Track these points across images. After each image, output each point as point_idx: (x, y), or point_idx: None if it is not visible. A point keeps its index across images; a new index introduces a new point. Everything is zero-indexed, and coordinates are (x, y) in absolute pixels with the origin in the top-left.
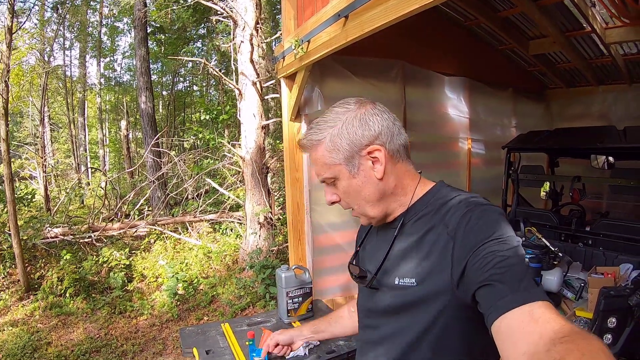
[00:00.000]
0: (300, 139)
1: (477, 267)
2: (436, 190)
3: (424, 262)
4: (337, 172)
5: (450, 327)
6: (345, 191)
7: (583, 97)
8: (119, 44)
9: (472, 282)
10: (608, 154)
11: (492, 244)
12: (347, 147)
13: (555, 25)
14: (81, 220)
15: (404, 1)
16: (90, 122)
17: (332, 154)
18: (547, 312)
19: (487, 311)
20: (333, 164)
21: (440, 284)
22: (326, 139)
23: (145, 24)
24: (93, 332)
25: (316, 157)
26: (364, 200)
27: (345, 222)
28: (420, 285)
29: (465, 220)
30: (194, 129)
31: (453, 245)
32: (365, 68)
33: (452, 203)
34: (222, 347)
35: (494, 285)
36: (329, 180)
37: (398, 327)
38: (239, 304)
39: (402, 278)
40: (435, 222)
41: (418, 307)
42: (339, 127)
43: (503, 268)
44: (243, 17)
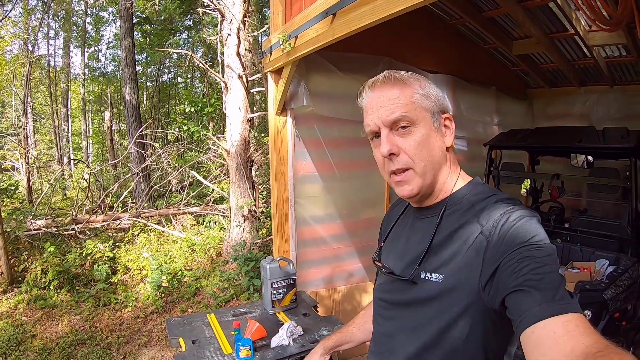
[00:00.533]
0: (383, 74)
1: (510, 270)
2: (473, 186)
3: (453, 259)
4: (421, 117)
5: (471, 327)
6: (422, 142)
7: (565, 97)
8: (104, 34)
9: (503, 285)
10: (586, 153)
11: (529, 249)
12: (435, 100)
13: (539, 27)
14: (64, 213)
15: (391, 1)
16: (74, 113)
17: (422, 98)
18: (582, 325)
19: (519, 317)
20: (421, 107)
21: (467, 283)
22: (417, 83)
23: (131, 14)
24: (78, 325)
25: (400, 94)
26: (433, 160)
27: (329, 215)
28: (446, 282)
29: (501, 222)
30: (179, 121)
31: (487, 245)
32: (351, 63)
33: (488, 201)
34: (208, 337)
35: (529, 291)
36: (405, 123)
37: (418, 322)
38: (223, 296)
39: (430, 273)
40: (469, 218)
41: (442, 303)
42: (427, 81)
43: (539, 275)
44: (231, 10)
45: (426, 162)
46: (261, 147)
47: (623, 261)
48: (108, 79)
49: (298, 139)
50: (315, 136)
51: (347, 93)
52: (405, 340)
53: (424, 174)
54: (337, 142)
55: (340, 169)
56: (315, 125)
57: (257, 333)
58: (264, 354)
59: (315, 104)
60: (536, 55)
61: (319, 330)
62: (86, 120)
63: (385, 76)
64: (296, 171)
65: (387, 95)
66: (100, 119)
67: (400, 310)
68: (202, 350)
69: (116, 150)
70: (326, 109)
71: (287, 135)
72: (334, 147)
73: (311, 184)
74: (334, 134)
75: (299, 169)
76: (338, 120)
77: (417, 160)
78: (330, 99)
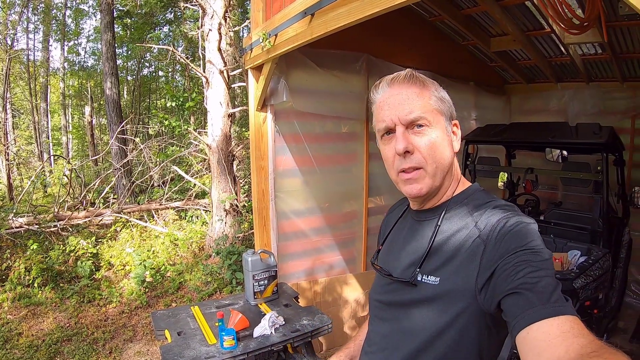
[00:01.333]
0: (403, 72)
1: (507, 274)
2: (472, 192)
3: (450, 262)
4: (437, 120)
5: (466, 331)
6: (435, 144)
7: (542, 93)
8: (84, 27)
9: (499, 288)
10: (560, 148)
11: (525, 253)
12: (449, 106)
13: (516, 25)
14: (46, 210)
15: (367, 3)
16: (53, 108)
17: (439, 102)
18: (576, 327)
19: (514, 320)
20: (438, 110)
21: (463, 286)
22: (436, 86)
23: (112, 7)
24: (63, 322)
25: (419, 95)
26: (444, 162)
27: (309, 209)
28: (443, 285)
29: (498, 227)
30: (160, 116)
31: (484, 250)
32: (330, 60)
33: (486, 207)
34: (192, 329)
35: (524, 294)
36: (423, 123)
37: (414, 323)
38: (206, 290)
39: (427, 275)
40: (467, 222)
41: (437, 305)
42: (441, 87)
43: (535, 278)
44: (212, 5)
45: (437, 163)
46: (242, 141)
47: (594, 252)
48: (88, 73)
49: (278, 134)
50: (295, 131)
51: (326, 89)
52: (400, 341)
53: (434, 175)
54: (316, 137)
55: (320, 163)
56: (295, 121)
57: (240, 323)
58: (247, 344)
59: (295, 100)
60: (514, 52)
61: (300, 320)
62: (66, 115)
63: (407, 74)
64: (276, 166)
65: (406, 94)
66: (80, 113)
67: (396, 311)
68: (188, 341)
69: (97, 145)
70: (306, 105)
71: (268, 130)
72: (313, 142)
73: (291, 178)
74: (314, 129)
75: (279, 163)
76: (317, 116)
77: (430, 161)
78: (310, 95)
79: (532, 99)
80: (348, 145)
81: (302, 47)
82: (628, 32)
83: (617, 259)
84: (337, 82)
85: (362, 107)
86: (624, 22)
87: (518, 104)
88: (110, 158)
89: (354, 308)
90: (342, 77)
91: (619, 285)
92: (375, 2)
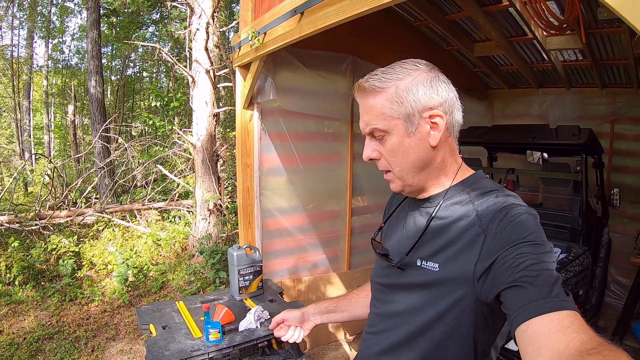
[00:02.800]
0: (360, 82)
1: (507, 265)
2: (474, 180)
3: (449, 248)
4: (392, 126)
5: (462, 318)
6: (393, 149)
7: (523, 98)
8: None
9: (499, 280)
10: (540, 149)
11: (526, 245)
12: (412, 103)
13: (499, 30)
14: (27, 208)
15: (355, 2)
16: (36, 106)
17: (394, 106)
18: (576, 322)
19: (514, 313)
20: (391, 116)
21: (461, 273)
22: (391, 89)
23: (98, 5)
24: (44, 320)
25: (373, 105)
26: (409, 164)
27: (293, 207)
28: (442, 271)
29: (500, 217)
30: (145, 116)
31: (484, 239)
32: (317, 61)
33: (489, 196)
34: (177, 323)
35: (525, 287)
36: (379, 134)
37: (412, 306)
38: (189, 289)
39: (426, 261)
40: (468, 210)
41: (436, 290)
42: (408, 80)
43: (536, 271)
44: (200, 4)
45: (401, 167)
46: (227, 141)
47: (574, 249)
48: (72, 71)
49: (264, 132)
50: (281, 130)
51: (312, 89)
52: (399, 323)
53: (402, 177)
54: (301, 135)
55: (305, 162)
56: (281, 120)
57: (225, 317)
58: (233, 337)
59: (282, 99)
60: (496, 57)
61: None
62: (49, 114)
63: (358, 85)
64: (262, 163)
65: (363, 105)
66: (63, 112)
67: (396, 294)
68: (173, 335)
69: (79, 145)
70: (292, 104)
71: (254, 128)
72: (298, 140)
73: (276, 176)
74: (299, 128)
75: (265, 161)
76: (303, 115)
77: (393, 166)
78: (296, 94)
79: (514, 104)
80: (333, 145)
81: (290, 47)
82: (607, 39)
83: (596, 258)
84: (323, 82)
85: (347, 108)
86: (604, 28)
87: (500, 108)
88: (93, 157)
89: None
90: (328, 77)
91: (598, 284)
92: (363, 1)
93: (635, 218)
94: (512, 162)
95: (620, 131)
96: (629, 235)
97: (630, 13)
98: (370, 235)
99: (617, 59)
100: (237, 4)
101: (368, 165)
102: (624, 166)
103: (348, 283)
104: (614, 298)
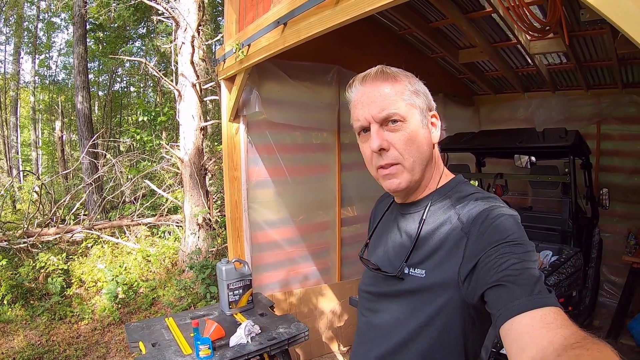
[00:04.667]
0: (375, 69)
1: (489, 266)
2: (455, 184)
3: (435, 254)
4: (410, 114)
5: (451, 322)
6: (411, 138)
7: (509, 103)
8: (55, 41)
9: (482, 280)
10: (528, 153)
11: (507, 245)
12: (424, 98)
13: (483, 37)
14: (15, 226)
15: (338, 12)
16: (23, 122)
17: (413, 95)
18: (559, 318)
19: (498, 312)
20: (411, 104)
21: (447, 278)
22: (410, 79)
23: (84, 20)
24: (34, 339)
25: (392, 91)
26: (422, 155)
27: (282, 219)
28: (428, 277)
29: (481, 219)
30: (132, 131)
31: (466, 242)
32: (301, 72)
33: (469, 199)
34: (167, 340)
35: (507, 286)
36: (397, 119)
37: (401, 313)
38: (180, 305)
39: (414, 268)
40: (451, 215)
41: (423, 296)
42: (415, 79)
43: (517, 270)
44: (185, 18)
45: (415, 157)
46: (214, 155)
47: (565, 251)
48: (59, 87)
49: (251, 145)
50: (267, 142)
51: (298, 100)
52: (389, 331)
53: (413, 169)
54: (288, 147)
55: (292, 173)
56: (267, 132)
57: (215, 333)
58: (224, 353)
59: (267, 111)
60: (481, 63)
61: (276, 328)
62: (36, 130)
63: (377, 71)
64: (249, 176)
65: (378, 91)
66: (50, 128)
67: (384, 302)
68: (163, 353)
69: (67, 161)
70: (278, 116)
71: (240, 141)
72: (285, 152)
73: (264, 189)
74: (286, 140)
75: (252, 174)
76: (289, 127)
77: (407, 156)
78: (282, 105)
79: (500, 109)
80: (320, 156)
81: (274, 59)
82: (591, 40)
83: (588, 258)
84: (309, 93)
85: (333, 118)
86: (587, 31)
87: (486, 114)
88: (81, 173)
89: (330, 319)
90: (313, 88)
91: (591, 284)
92: (345, 10)
93: (625, 217)
94: (500, 166)
95: (606, 131)
96: (620, 234)
97: (612, 12)
98: (361, 245)
99: (600, 60)
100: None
101: (356, 175)
102: (611, 166)
103: (340, 294)
104: (607, 297)
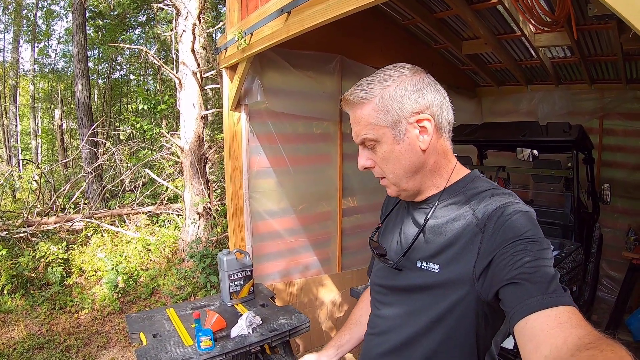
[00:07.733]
0: (346, 95)
1: (505, 263)
2: (470, 179)
3: (448, 249)
4: (380, 135)
5: (464, 318)
6: (385, 157)
7: (512, 95)
8: (54, 29)
9: (498, 278)
10: (531, 147)
11: (523, 242)
12: (397, 111)
13: (487, 28)
14: (15, 215)
15: (343, 1)
16: (22, 111)
17: (380, 115)
18: (574, 317)
19: (512, 310)
20: (379, 125)
21: (462, 274)
22: (376, 99)
23: (84, 8)
24: (34, 329)
25: (360, 116)
26: (402, 170)
27: (283, 209)
28: (442, 272)
29: (496, 215)
30: (132, 119)
31: (481, 238)
32: (304, 61)
33: (485, 195)
34: (168, 331)
35: (522, 284)
36: (369, 143)
37: (414, 308)
38: (180, 294)
39: (426, 262)
40: (465, 211)
41: (437, 291)
42: (392, 88)
43: (533, 268)
44: (186, 5)
45: (394, 173)
46: (215, 144)
47: (567, 246)
48: (58, 75)
49: (252, 135)
50: (269, 131)
51: (300, 90)
52: (401, 325)
53: (396, 183)
54: (290, 137)
55: (294, 163)
56: (269, 121)
57: (216, 324)
58: (225, 344)
59: (269, 100)
60: (485, 55)
61: (277, 319)
62: (35, 119)
63: (345, 98)
64: (250, 166)
65: (352, 114)
66: (50, 117)
67: (397, 295)
68: (164, 344)
69: (67, 150)
70: (280, 105)
71: (242, 130)
72: (287, 142)
73: (265, 178)
74: (287, 130)
75: (253, 164)
76: (291, 116)
77: (387, 172)
78: (284, 95)
79: (502, 101)
80: (322, 146)
81: (276, 48)
82: (596, 35)
83: (588, 253)
84: (311, 82)
85: (335, 108)
86: (593, 25)
87: (489, 106)
88: (80, 162)
89: (330, 309)
90: (315, 77)
91: (591, 279)
92: (350, 0)
93: (626, 213)
94: (502, 159)
95: (609, 127)
96: (620, 229)
97: (625, 8)
98: (361, 235)
99: (605, 55)
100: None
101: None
102: (613, 161)
103: (340, 284)
104: (606, 292)
